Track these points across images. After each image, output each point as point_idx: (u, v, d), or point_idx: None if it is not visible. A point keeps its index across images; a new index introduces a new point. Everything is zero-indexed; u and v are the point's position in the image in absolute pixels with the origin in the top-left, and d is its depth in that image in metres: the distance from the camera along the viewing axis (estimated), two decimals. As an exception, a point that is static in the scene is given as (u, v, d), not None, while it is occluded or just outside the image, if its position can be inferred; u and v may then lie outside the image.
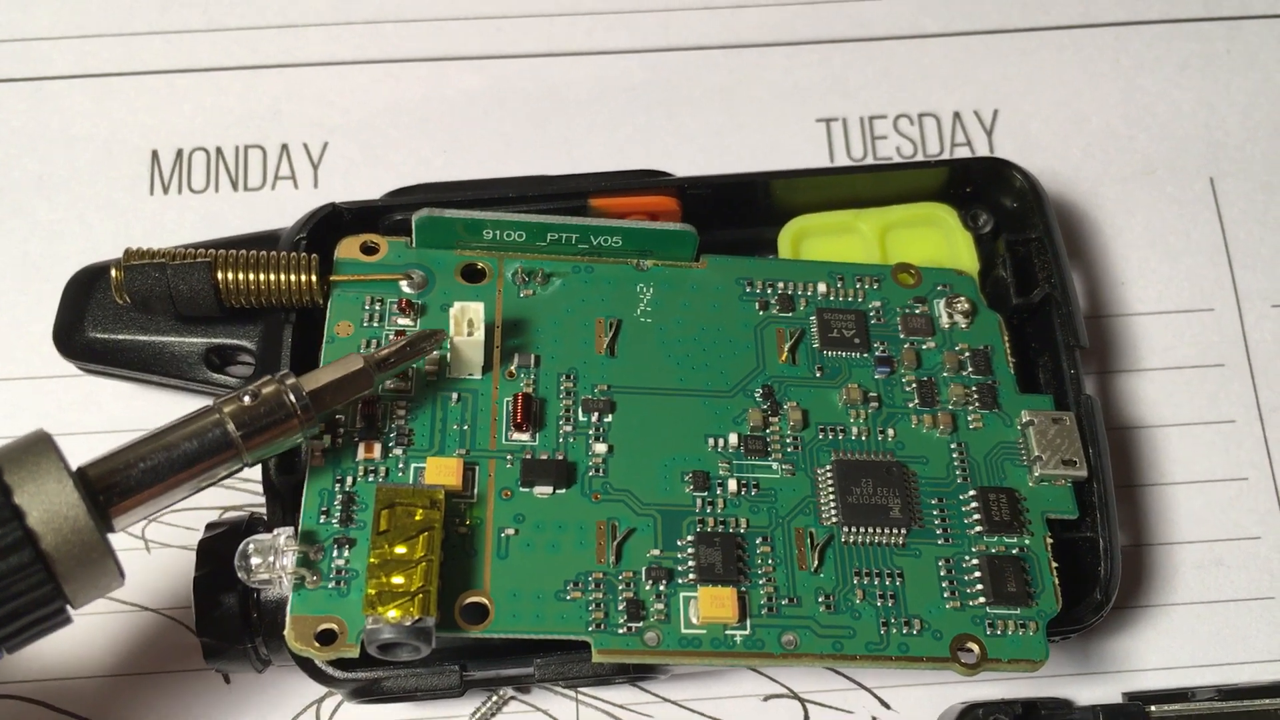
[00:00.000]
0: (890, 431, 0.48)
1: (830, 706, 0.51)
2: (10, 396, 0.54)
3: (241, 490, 0.52)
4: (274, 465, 0.46)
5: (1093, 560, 0.48)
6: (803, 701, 0.51)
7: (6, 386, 0.54)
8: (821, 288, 0.50)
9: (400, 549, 0.41)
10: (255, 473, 0.47)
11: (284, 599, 0.44)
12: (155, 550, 0.52)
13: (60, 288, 0.51)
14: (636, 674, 0.47)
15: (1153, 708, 0.49)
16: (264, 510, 0.46)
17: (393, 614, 0.40)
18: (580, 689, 0.51)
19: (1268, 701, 0.49)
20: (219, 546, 0.46)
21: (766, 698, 0.51)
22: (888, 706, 0.51)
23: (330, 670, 0.45)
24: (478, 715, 0.50)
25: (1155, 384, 0.56)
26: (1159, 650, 0.52)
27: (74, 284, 0.51)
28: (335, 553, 0.42)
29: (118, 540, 0.51)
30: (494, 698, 0.50)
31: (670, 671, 0.48)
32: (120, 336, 0.50)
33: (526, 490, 0.45)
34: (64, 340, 0.50)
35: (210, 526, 0.47)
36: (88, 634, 0.50)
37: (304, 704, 0.50)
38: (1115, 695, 0.50)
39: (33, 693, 0.50)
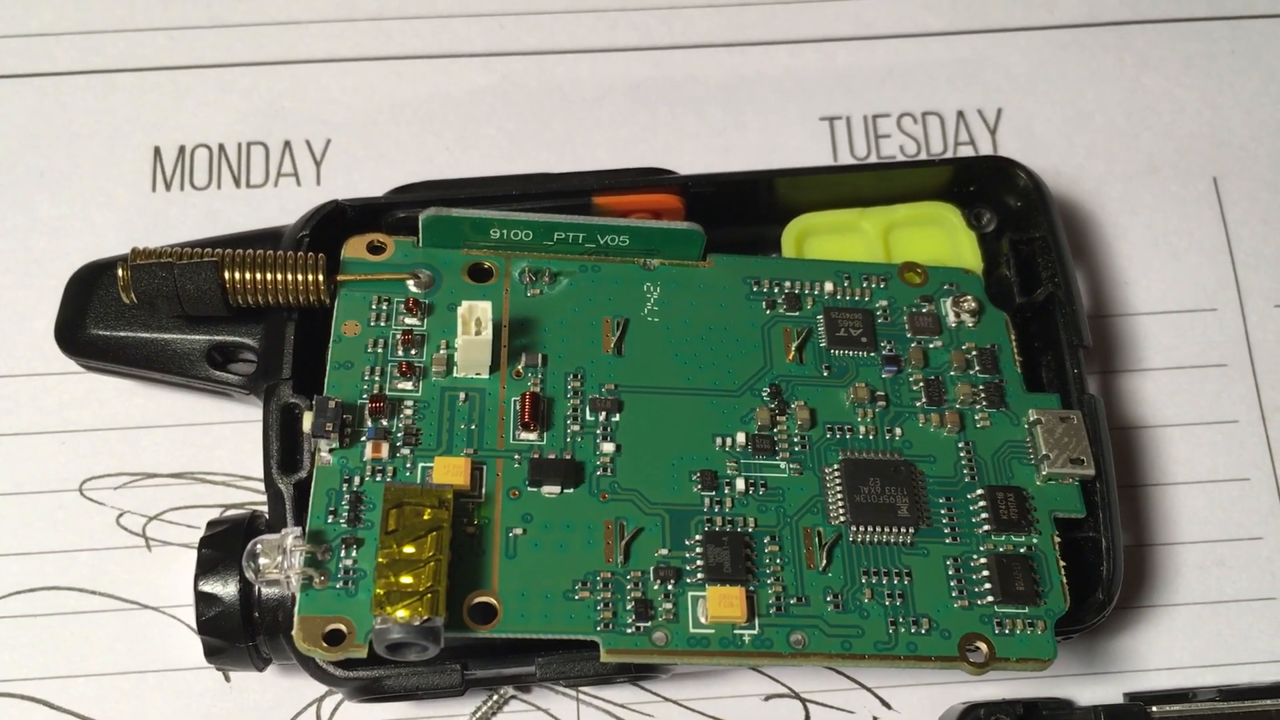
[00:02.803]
0: (898, 430, 0.48)
1: (831, 706, 0.51)
2: (11, 393, 0.53)
3: (243, 489, 0.52)
4: (276, 463, 0.46)
5: (1095, 560, 0.48)
6: (804, 701, 0.51)
7: (8, 383, 0.54)
8: (828, 287, 0.50)
9: (408, 549, 0.41)
10: (257, 470, 0.47)
11: (285, 597, 0.44)
12: (156, 548, 0.52)
13: (62, 284, 0.51)
14: (637, 673, 0.47)
15: (1154, 708, 0.49)
16: (265, 508, 0.46)
17: (401, 614, 0.40)
18: (581, 688, 0.50)
19: (1269, 702, 0.49)
20: (220, 544, 0.46)
21: (767, 697, 0.51)
22: (889, 706, 0.51)
23: (331, 669, 0.44)
24: (478, 714, 0.50)
25: (1158, 384, 0.56)
26: (1160, 651, 0.52)
27: (76, 281, 0.51)
28: (343, 553, 0.42)
29: (118, 538, 0.51)
30: (495, 696, 0.50)
31: (671, 670, 0.47)
32: (122, 333, 0.50)
33: (534, 490, 0.45)
34: (66, 337, 0.50)
35: (212, 524, 0.47)
36: (88, 632, 0.50)
37: (304, 703, 0.50)
38: (1116, 695, 0.51)
39: (34, 691, 0.49)
